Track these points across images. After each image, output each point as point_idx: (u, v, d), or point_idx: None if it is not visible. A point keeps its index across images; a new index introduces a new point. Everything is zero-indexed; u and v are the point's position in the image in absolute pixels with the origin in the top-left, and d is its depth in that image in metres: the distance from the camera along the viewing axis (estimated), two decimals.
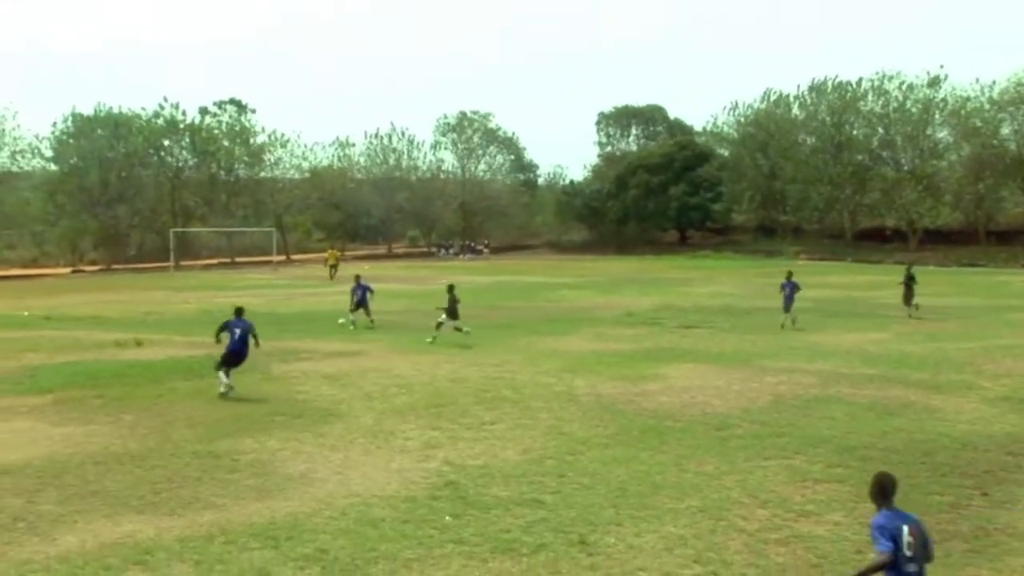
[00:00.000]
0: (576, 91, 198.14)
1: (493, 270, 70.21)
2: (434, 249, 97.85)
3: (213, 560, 11.42)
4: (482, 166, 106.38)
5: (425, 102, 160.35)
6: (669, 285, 54.50)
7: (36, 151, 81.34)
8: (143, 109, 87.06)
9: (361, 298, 36.02)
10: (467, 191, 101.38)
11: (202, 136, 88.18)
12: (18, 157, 79.63)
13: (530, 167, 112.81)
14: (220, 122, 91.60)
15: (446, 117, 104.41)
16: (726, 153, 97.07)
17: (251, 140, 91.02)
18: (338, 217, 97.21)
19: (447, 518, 12.96)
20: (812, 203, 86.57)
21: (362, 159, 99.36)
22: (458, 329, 30.22)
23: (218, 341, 23.04)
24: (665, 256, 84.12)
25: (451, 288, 31.25)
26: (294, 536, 12.22)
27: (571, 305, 43.32)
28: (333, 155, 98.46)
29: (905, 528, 8.38)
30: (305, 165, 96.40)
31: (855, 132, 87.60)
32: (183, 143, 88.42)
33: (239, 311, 23.65)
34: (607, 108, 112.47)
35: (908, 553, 8.25)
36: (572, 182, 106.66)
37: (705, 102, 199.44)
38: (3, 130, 77.25)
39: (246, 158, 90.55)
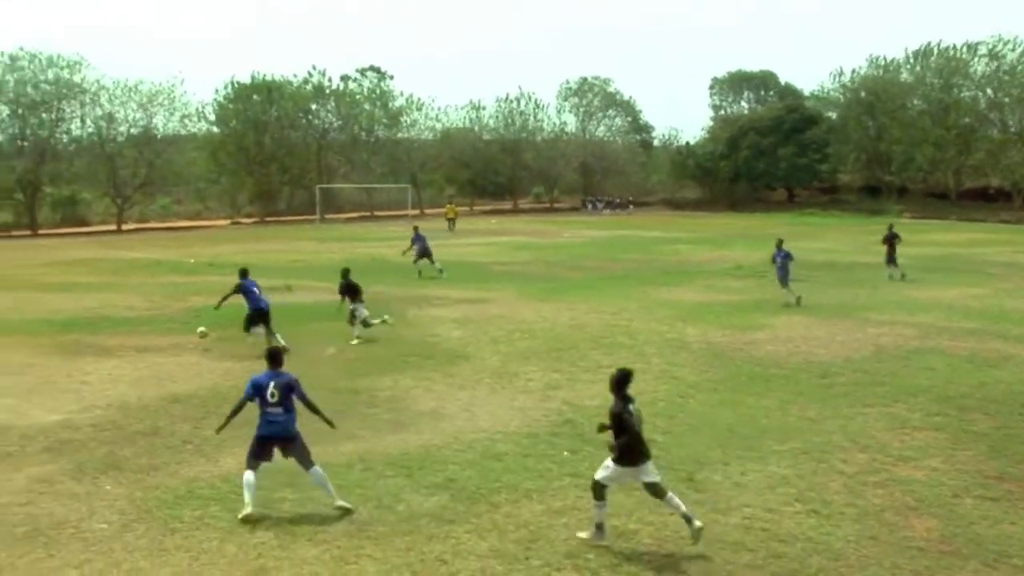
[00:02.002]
0: (692, 56, 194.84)
1: (613, 225, 69.73)
2: (582, 204, 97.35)
3: (353, 485, 11.71)
4: (601, 128, 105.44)
5: (550, 67, 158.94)
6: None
7: (201, 115, 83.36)
8: (294, 76, 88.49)
9: (422, 248, 36.21)
10: (587, 151, 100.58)
11: (345, 101, 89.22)
12: (186, 121, 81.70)
13: (646, 128, 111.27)
14: (362, 87, 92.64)
15: (568, 82, 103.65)
16: (833, 116, 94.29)
17: (390, 104, 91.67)
18: (468, 175, 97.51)
19: (565, 453, 13.04)
20: (917, 164, 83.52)
21: (491, 121, 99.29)
22: (365, 324, 22.42)
23: (218, 308, 22.05)
24: (774, 214, 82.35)
25: (346, 272, 23.49)
26: (425, 466, 12.45)
27: (684, 258, 42.83)
28: (465, 117, 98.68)
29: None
30: (438, 127, 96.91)
31: (962, 95, 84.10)
32: (328, 107, 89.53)
33: (244, 271, 22.16)
34: (721, 73, 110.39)
35: None
36: (687, 143, 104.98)
37: (814, 68, 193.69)
38: (173, 97, 79.27)
39: (385, 120, 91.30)
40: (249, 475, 10.92)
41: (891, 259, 33.99)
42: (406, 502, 11.16)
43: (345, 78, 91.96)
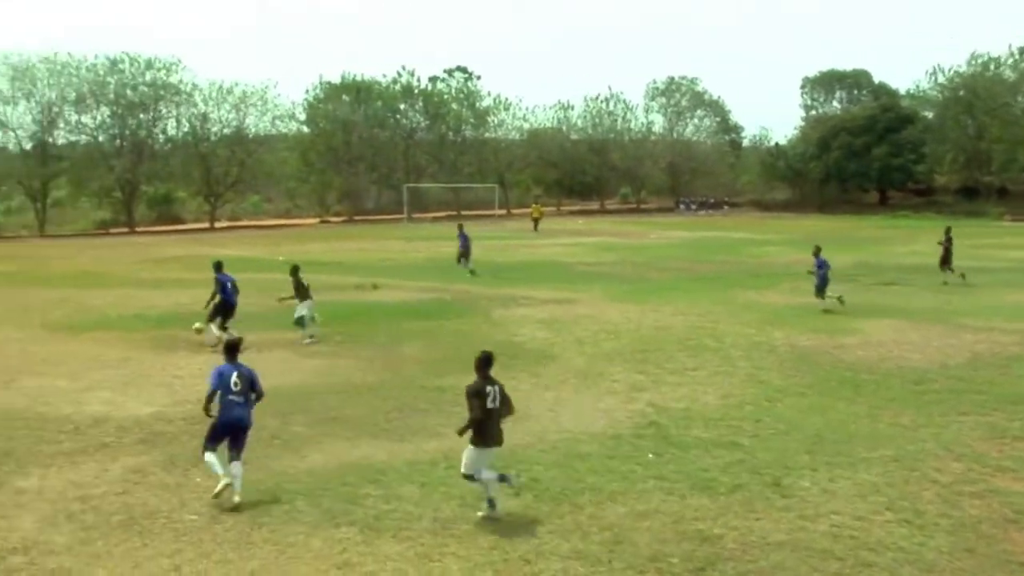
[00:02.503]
0: (784, 56, 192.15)
1: (699, 226, 69.15)
2: (675, 205, 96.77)
3: (437, 483, 11.79)
4: (689, 128, 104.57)
5: (638, 66, 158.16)
6: (867, 243, 52.38)
7: (291, 116, 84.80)
8: (383, 76, 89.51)
9: (465, 246, 36.49)
10: (675, 151, 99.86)
11: (434, 101, 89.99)
12: (277, 122, 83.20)
13: (735, 129, 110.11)
14: (450, 87, 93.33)
15: (655, 82, 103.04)
16: (929, 115, 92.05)
17: (477, 104, 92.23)
18: (555, 175, 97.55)
19: (650, 456, 12.95)
20: (1019, 164, 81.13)
21: (579, 121, 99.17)
22: (299, 323, 22.31)
23: (208, 305, 21.89)
24: (865, 216, 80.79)
25: (295, 270, 22.89)
26: (510, 466, 12.44)
27: (772, 260, 42.24)
28: (553, 117, 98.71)
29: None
30: (526, 127, 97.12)
31: None
32: (417, 107, 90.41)
33: (219, 265, 22.45)
34: (812, 72, 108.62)
35: None
36: (777, 144, 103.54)
37: (910, 66, 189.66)
38: (266, 99, 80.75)
39: (472, 120, 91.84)
40: (210, 455, 11.39)
41: (946, 262, 33.22)
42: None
43: (433, 79, 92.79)
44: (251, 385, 11.75)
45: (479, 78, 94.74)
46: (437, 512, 10.85)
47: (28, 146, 73.53)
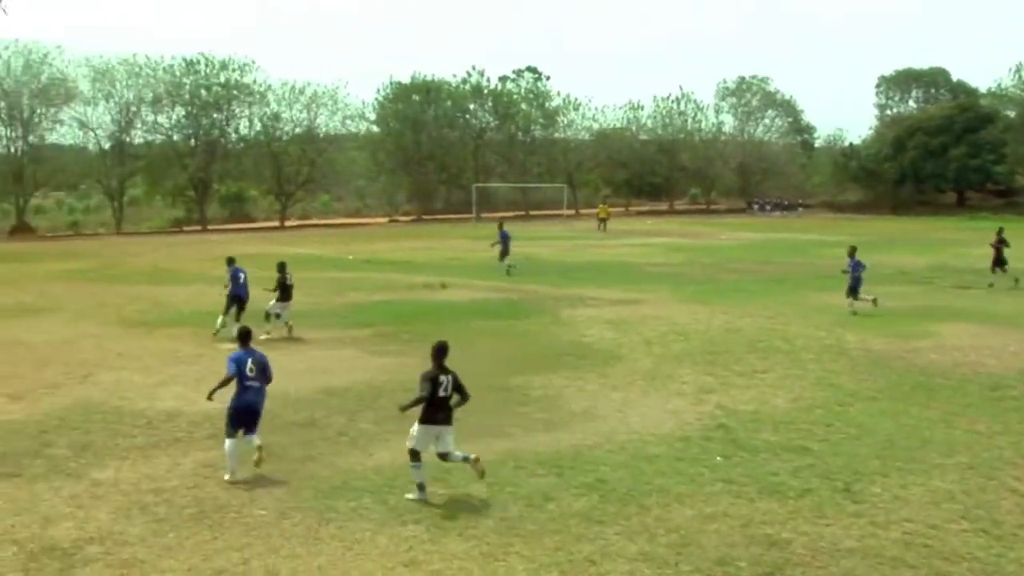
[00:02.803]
0: (857, 55, 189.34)
1: (769, 227, 68.39)
2: (748, 206, 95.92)
3: (504, 482, 11.80)
4: (760, 128, 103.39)
5: (709, 66, 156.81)
6: (944, 245, 51.37)
7: (361, 115, 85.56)
8: (453, 76, 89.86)
9: (505, 244, 36.98)
10: (745, 152, 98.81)
11: (503, 101, 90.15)
12: (347, 121, 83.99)
13: (807, 129, 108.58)
14: (519, 87, 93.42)
15: (726, 82, 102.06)
16: (1011, 115, 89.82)
17: (546, 104, 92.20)
18: (624, 175, 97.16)
19: (718, 458, 12.84)
20: None
21: (648, 121, 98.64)
22: (268, 318, 22.80)
23: (225, 289, 23.17)
24: (941, 217, 79.21)
25: (282, 267, 23.50)
26: (576, 466, 12.44)
27: (844, 263, 41.51)
28: (622, 117, 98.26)
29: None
30: (595, 127, 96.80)
31: None
32: (486, 107, 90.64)
33: (231, 260, 24.08)
34: (888, 71, 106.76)
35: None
36: (851, 144, 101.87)
37: (990, 65, 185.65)
38: (336, 99, 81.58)
39: (541, 120, 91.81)
40: (229, 442, 12.05)
41: (998, 263, 32.49)
42: (556, 501, 11.18)
43: (503, 78, 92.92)
44: (263, 370, 12.37)
45: (548, 78, 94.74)
46: (503, 512, 10.87)
47: (107, 146, 75.22)
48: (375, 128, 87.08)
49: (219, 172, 77.09)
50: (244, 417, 12.17)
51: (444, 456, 11.43)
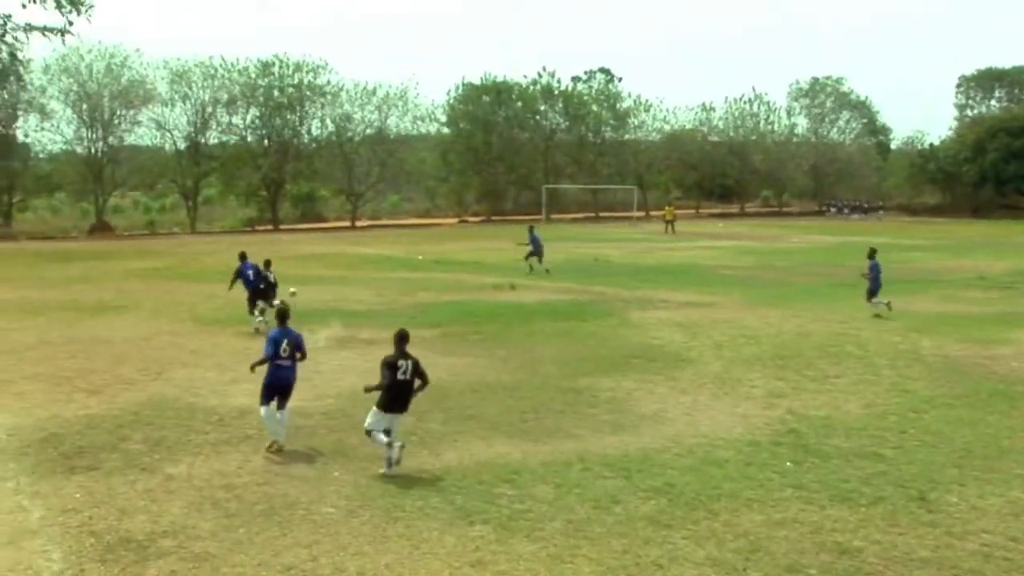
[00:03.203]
0: (936, 54, 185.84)
1: (842, 230, 67.43)
2: (825, 208, 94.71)
3: (571, 484, 11.79)
4: (834, 130, 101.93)
5: (782, 67, 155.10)
6: None
7: (432, 116, 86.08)
8: (523, 77, 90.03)
9: (536, 247, 37.92)
10: (818, 154, 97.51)
11: (574, 102, 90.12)
12: (418, 122, 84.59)
13: (883, 130, 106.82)
14: (590, 88, 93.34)
15: (799, 82, 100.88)
16: None
17: (617, 105, 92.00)
18: (695, 177, 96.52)
19: (788, 464, 12.70)
20: None
21: (720, 123, 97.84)
22: (261, 311, 23.45)
23: (231, 288, 24.56)
24: (1023, 221, 77.41)
25: (267, 264, 24.78)
26: (644, 469, 12.39)
27: (920, 267, 40.89)
28: (694, 118, 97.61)
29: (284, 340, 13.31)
30: (666, 128, 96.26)
31: None
32: (556, 108, 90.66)
33: (243, 255, 24.96)
34: (969, 71, 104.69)
35: None
36: (930, 146, 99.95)
37: None
38: (407, 99, 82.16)
39: (612, 121, 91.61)
40: (264, 409, 13.38)
41: None
42: (623, 504, 11.15)
43: (575, 79, 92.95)
44: (297, 347, 13.62)
45: (620, 80, 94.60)
46: (571, 514, 10.86)
47: (182, 146, 76.66)
48: (445, 129, 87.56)
49: (291, 172, 78.06)
50: (277, 391, 13.43)
51: (387, 432, 12.39)
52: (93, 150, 72.79)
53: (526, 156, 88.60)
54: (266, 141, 78.15)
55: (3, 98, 50.22)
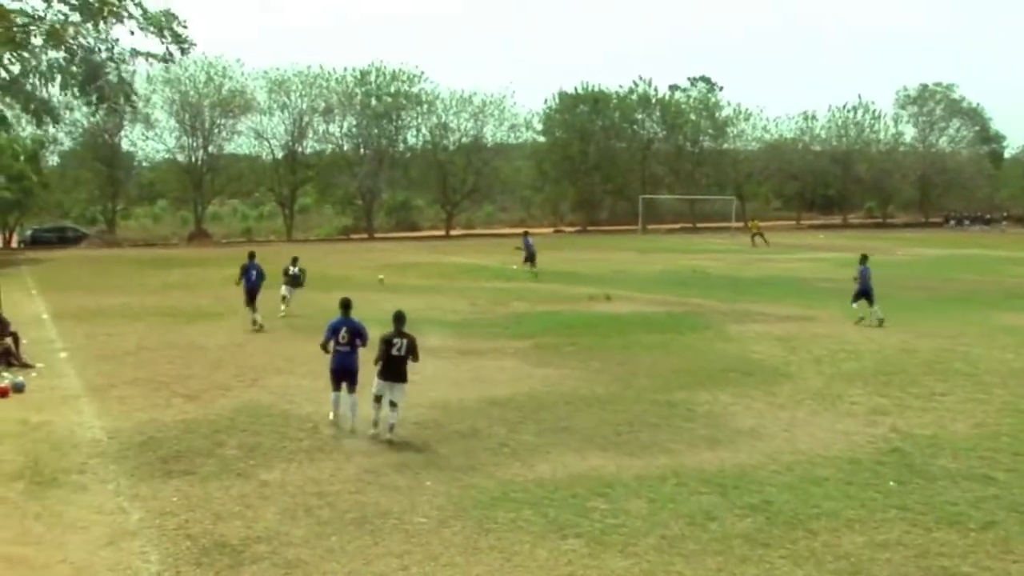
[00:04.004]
0: None
1: (951, 242, 65.78)
2: (944, 221, 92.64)
3: (665, 499, 11.68)
4: (944, 138, 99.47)
5: (889, 73, 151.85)
6: None
7: (528, 125, 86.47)
8: (620, 87, 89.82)
9: (529, 252, 40.69)
10: (927, 163, 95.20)
11: (671, 111, 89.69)
12: (513, 131, 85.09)
13: (996, 138, 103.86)
14: (689, 97, 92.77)
15: (906, 89, 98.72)
16: None
17: (717, 114, 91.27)
18: (796, 187, 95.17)
19: (891, 484, 12.39)
20: None
21: (823, 132, 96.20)
22: (285, 300, 27.85)
23: (239, 284, 26.52)
24: None
25: (294, 260, 29.12)
26: (740, 486, 12.22)
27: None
28: (795, 127, 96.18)
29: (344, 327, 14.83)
30: (767, 137, 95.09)
31: None
32: (654, 117, 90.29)
33: (252, 255, 27.20)
34: None
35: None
36: None
37: None
38: (503, 108, 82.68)
39: (711, 131, 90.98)
40: (334, 394, 15.07)
41: None
42: (719, 521, 11.00)
43: (673, 87, 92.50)
44: (357, 335, 14.97)
45: (721, 88, 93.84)
46: (665, 529, 10.76)
47: (280, 155, 78.30)
48: (541, 138, 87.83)
49: (387, 181, 79.12)
50: (342, 376, 14.89)
51: (392, 404, 14.23)
52: (193, 159, 74.89)
53: (622, 166, 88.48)
54: (362, 150, 79.37)
55: (113, 110, 52.69)
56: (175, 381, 18.71)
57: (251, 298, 25.90)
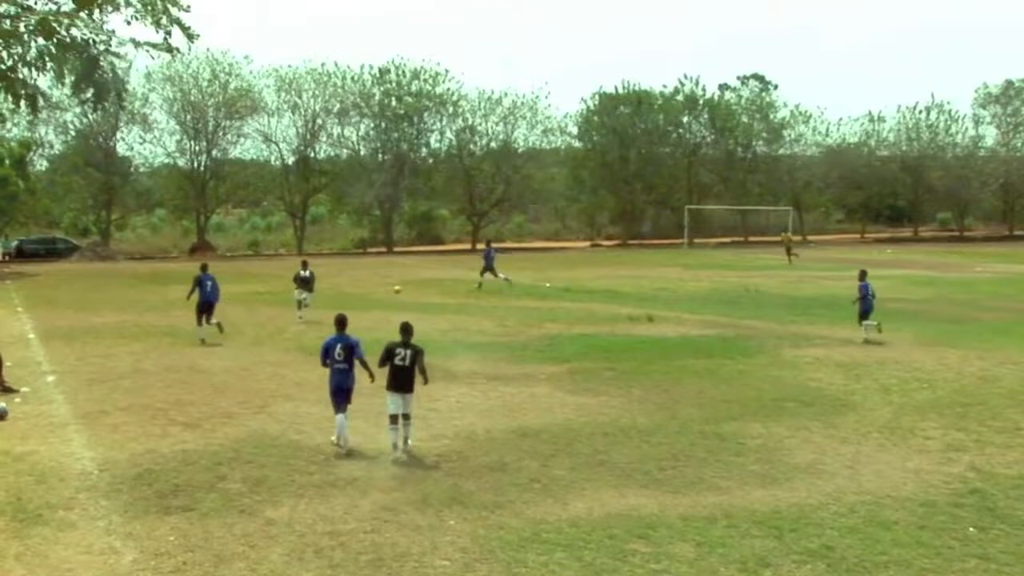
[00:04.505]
0: None
1: None
2: None
3: (714, 543, 11.60)
4: None
5: (967, 70, 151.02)
6: None
7: (563, 129, 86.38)
8: (664, 86, 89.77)
9: (487, 262, 42.93)
10: (1011, 170, 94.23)
11: (721, 112, 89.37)
12: (547, 135, 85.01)
13: None
14: (740, 97, 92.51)
15: (987, 86, 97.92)
16: None
17: (771, 116, 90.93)
18: (860, 197, 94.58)
19: (971, 529, 12.25)
20: None
21: (890, 135, 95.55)
22: (302, 305, 31.63)
23: (188, 299, 27.97)
24: None
25: (304, 264, 33.13)
26: (798, 528, 12.12)
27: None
28: (859, 130, 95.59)
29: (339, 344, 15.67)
30: (828, 142, 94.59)
31: None
32: (701, 119, 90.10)
33: (205, 267, 28.73)
34: None
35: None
36: None
37: None
38: (536, 110, 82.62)
39: (765, 134, 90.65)
40: (339, 417, 15.66)
41: None
42: (774, 568, 10.91)
43: (723, 87, 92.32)
44: (352, 352, 15.70)
45: (776, 87, 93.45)
46: None
47: (290, 160, 78.56)
48: (577, 143, 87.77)
49: (407, 189, 79.15)
50: (340, 395, 15.70)
51: (406, 416, 15.29)
52: (196, 164, 75.21)
53: (666, 173, 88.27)
54: (380, 155, 79.47)
55: (104, 108, 52.98)
56: (174, 408, 18.81)
57: (203, 312, 27.31)
